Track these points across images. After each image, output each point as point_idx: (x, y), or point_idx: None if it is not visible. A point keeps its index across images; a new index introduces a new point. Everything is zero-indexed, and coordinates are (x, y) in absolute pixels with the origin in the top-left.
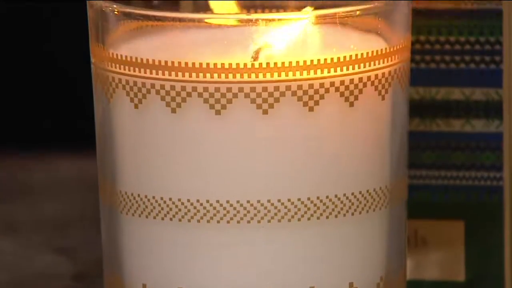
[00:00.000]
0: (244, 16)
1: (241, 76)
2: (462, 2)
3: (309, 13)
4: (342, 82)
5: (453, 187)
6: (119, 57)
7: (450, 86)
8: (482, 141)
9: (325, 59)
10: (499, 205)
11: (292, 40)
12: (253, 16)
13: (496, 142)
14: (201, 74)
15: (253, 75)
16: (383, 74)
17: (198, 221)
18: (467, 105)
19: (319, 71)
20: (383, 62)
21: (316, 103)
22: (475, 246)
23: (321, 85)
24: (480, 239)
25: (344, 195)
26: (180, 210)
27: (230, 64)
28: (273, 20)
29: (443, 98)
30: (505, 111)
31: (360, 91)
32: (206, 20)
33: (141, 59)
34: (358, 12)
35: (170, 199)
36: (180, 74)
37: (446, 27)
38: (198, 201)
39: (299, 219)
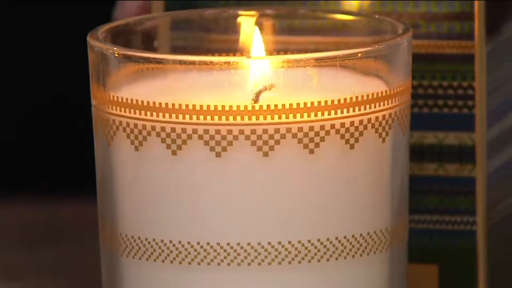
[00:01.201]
0: (245, 59)
1: (242, 119)
2: (435, 47)
3: (309, 56)
4: (342, 125)
5: (427, 231)
6: (120, 100)
7: (424, 130)
8: (455, 185)
9: (326, 102)
10: (473, 249)
11: (293, 83)
12: (254, 58)
13: (470, 186)
14: (201, 116)
15: (253, 118)
16: (384, 116)
17: (199, 263)
18: (440, 149)
19: (319, 113)
20: (384, 105)
21: (317, 145)
22: None
23: (322, 127)
24: (454, 283)
25: (345, 237)
26: (180, 252)
27: (231, 106)
28: (274, 62)
29: (416, 142)
30: (478, 155)
31: (361, 134)
32: (207, 63)
33: (142, 101)
34: (359, 55)
35: (171, 241)
36: (180, 116)
37: (419, 71)
38: (198, 243)
39: (299, 262)
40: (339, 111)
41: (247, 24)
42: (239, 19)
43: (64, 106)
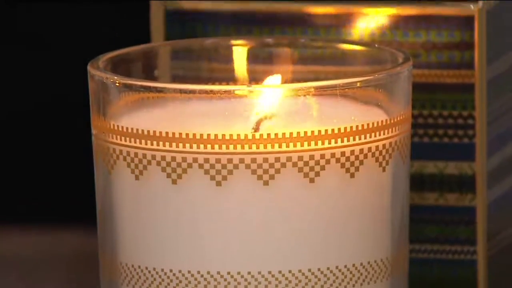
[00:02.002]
0: (245, 88)
1: (242, 147)
2: (436, 76)
3: (309, 85)
4: (342, 154)
5: (427, 261)
6: (120, 129)
7: (424, 160)
8: (455, 215)
9: (326, 131)
10: (473, 279)
11: (293, 111)
12: (254, 87)
13: (470, 216)
14: (202, 145)
15: (254, 146)
16: (384, 145)
17: None
18: (441, 179)
19: (320, 142)
20: (384, 134)
21: (317, 174)
22: None
23: (322, 156)
24: None
25: (345, 266)
26: (180, 281)
27: (231, 135)
28: (274, 91)
29: (416, 171)
30: (478, 185)
31: (361, 163)
32: (207, 92)
33: (142, 131)
34: (358, 84)
35: (171, 270)
36: (181, 145)
37: (419, 100)
38: (198, 272)
39: None
40: (339, 140)
41: (247, 53)
42: (239, 49)
43: (64, 131)
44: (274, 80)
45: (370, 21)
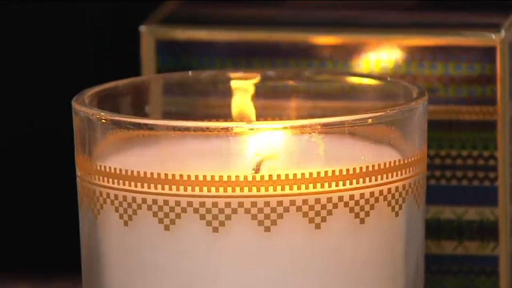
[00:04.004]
0: (245, 125)
1: (241, 190)
2: (454, 112)
3: (315, 122)
4: (351, 197)
5: None
6: (107, 170)
7: (441, 205)
8: (476, 265)
9: (333, 172)
10: None
11: (297, 151)
12: (254, 124)
13: (492, 266)
14: (197, 188)
15: (254, 189)
16: (397, 188)
17: None
18: (460, 226)
19: (326, 184)
20: (397, 175)
21: (323, 219)
22: None
23: (329, 200)
24: None
25: None
26: None
27: (229, 177)
28: (276, 128)
29: (433, 217)
30: (501, 232)
31: (372, 207)
32: (203, 129)
33: (131, 172)
34: (369, 121)
35: None
36: (174, 187)
37: (436, 139)
38: None
39: None
40: (347, 182)
41: (246, 87)
42: (237, 83)
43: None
44: (275, 116)
45: (382, 52)
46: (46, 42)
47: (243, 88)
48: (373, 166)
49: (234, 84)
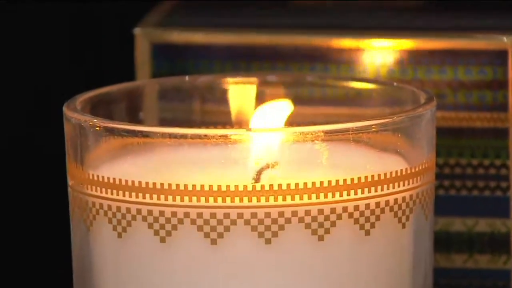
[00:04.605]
0: (244, 132)
1: (241, 200)
2: (464, 119)
3: (318, 129)
4: (356, 208)
5: None
6: (100, 179)
7: (450, 216)
8: (487, 279)
9: (337, 181)
10: None
11: (299, 159)
12: (254, 131)
13: (504, 280)
14: (194, 198)
15: (254, 199)
16: (404, 198)
17: None
18: (470, 238)
19: (330, 194)
20: (403, 185)
21: (327, 231)
22: None
23: (332, 210)
24: None
25: None
26: None
27: (228, 186)
28: (277, 135)
29: (442, 229)
30: None
31: (377, 218)
32: (200, 136)
33: (126, 181)
34: (374, 128)
35: None
36: (170, 198)
37: (445, 147)
38: None
39: None
40: (352, 192)
41: (246, 92)
42: (236, 87)
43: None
44: (280, 106)
45: (388, 56)
46: (38, 45)
47: (242, 93)
48: (379, 175)
49: (232, 89)
